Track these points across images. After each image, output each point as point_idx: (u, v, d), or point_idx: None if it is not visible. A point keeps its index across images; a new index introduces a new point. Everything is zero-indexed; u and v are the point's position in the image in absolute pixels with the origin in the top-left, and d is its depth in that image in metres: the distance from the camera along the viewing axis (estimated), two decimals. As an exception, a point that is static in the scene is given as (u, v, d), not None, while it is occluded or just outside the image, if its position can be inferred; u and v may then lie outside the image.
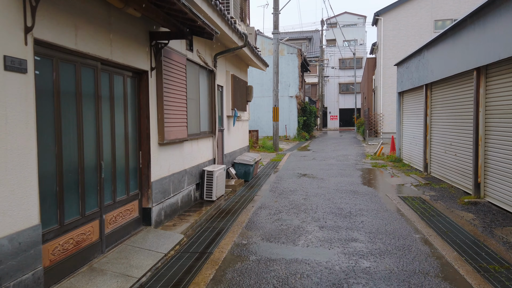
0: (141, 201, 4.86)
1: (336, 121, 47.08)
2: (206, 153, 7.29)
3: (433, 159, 9.46)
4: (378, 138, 20.55)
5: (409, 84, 11.17)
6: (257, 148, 17.15)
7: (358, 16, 50.80)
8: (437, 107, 9.15)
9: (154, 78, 5.01)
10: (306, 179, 9.46)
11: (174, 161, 5.65)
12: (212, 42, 7.50)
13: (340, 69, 46.88)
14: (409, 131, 11.75)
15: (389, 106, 20.56)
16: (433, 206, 6.51)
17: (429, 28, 19.37)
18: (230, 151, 9.38)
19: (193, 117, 6.65)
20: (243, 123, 11.05)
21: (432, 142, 9.57)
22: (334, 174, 10.29)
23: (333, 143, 22.16)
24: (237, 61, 10.04)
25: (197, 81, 6.85)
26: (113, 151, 4.20)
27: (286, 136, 24.97)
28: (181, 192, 5.96)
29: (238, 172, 9.27)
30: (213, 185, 6.76)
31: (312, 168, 11.59)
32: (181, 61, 5.75)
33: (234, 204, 6.84)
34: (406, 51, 19.72)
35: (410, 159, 11.55)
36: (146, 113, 4.84)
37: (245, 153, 10.88)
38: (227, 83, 8.86)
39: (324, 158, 14.34)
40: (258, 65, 11.40)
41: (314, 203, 6.85)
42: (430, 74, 9.20)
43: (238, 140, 10.36)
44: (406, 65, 11.56)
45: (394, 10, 19.81)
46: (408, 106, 11.89)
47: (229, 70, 9.04)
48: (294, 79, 24.93)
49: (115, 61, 4.06)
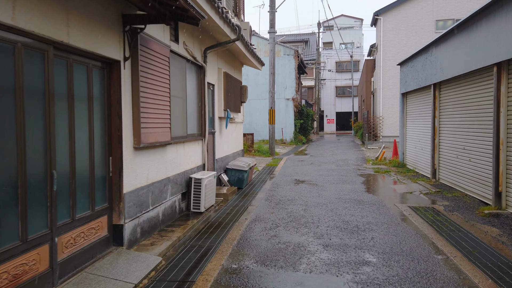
0: (111, 217, 4.06)
1: (333, 125, 46.45)
2: (194, 158, 6.50)
3: (443, 164, 8.73)
4: (378, 141, 19.86)
5: (414, 84, 10.47)
6: (252, 152, 16.38)
7: (355, 19, 50.43)
8: (447, 108, 8.44)
9: (128, 69, 4.23)
10: (305, 186, 8.69)
11: (154, 168, 4.86)
12: (201, 35, 6.74)
13: (337, 72, 46.33)
14: (414, 135, 11.03)
15: (389, 109, 19.89)
16: (449, 219, 5.76)
17: (430, 28, 18.75)
18: (222, 155, 8.60)
19: (179, 118, 5.86)
20: (237, 126, 10.27)
21: (441, 146, 8.84)
22: (334, 180, 9.53)
23: (331, 147, 21.44)
24: (231, 58, 9.28)
25: (184, 77, 6.07)
26: (72, 158, 3.41)
27: (283, 140, 24.22)
28: (163, 204, 5.17)
29: (231, 178, 8.49)
30: (201, 194, 5.96)
31: (311, 174, 10.82)
32: (163, 52, 4.98)
33: (225, 216, 6.05)
34: (407, 52, 19.09)
35: (415, 164, 10.82)
36: (118, 111, 4.05)
37: (239, 158, 10.09)
38: (219, 82, 8.09)
39: (322, 163, 13.59)
40: (254, 64, 10.65)
41: (315, 214, 6.07)
42: (439, 73, 8.49)
43: (231, 144, 9.58)
44: (411, 64, 10.86)
45: (394, 9, 19.20)
46: (412, 107, 11.18)
47: (222, 67, 8.28)
48: (290, 81, 24.24)
49: (73, 45, 3.27)
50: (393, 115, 19.80)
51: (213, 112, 7.91)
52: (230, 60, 9.21)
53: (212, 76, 7.67)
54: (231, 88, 8.84)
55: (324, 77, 45.41)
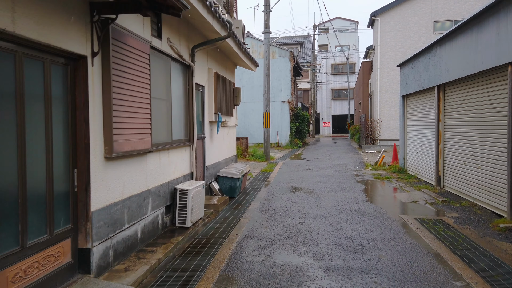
0: (76, 240, 3.45)
1: (329, 128, 46.02)
2: (180, 167, 5.90)
3: (448, 171, 8.21)
4: (376, 145, 19.37)
5: (416, 86, 9.96)
6: (246, 157, 15.80)
7: (350, 22, 50.19)
8: (453, 111, 7.92)
9: (98, 67, 3.64)
10: (301, 195, 8.11)
11: (131, 180, 4.26)
12: (188, 31, 6.16)
13: (332, 74, 45.98)
14: (415, 139, 10.51)
15: (387, 112, 19.42)
16: (462, 234, 5.21)
17: (428, 30, 18.34)
18: (213, 162, 8.00)
19: (162, 122, 5.27)
20: (229, 130, 9.69)
21: (446, 151, 8.32)
22: (333, 188, 8.96)
23: (328, 150, 20.91)
24: (222, 58, 8.71)
25: (168, 77, 5.49)
26: (22, 172, 2.81)
27: (278, 144, 23.67)
28: (143, 220, 4.56)
29: (223, 187, 7.89)
30: (187, 207, 5.37)
31: (308, 180, 10.25)
32: (142, 48, 4.40)
33: (214, 230, 5.46)
34: (405, 54, 18.66)
35: (417, 170, 10.29)
36: (84, 116, 3.46)
37: (232, 164, 9.50)
38: (209, 83, 7.51)
39: (319, 168, 13.03)
40: (247, 65, 10.08)
41: (313, 229, 5.50)
42: (444, 74, 7.98)
43: (223, 149, 8.99)
44: (412, 65, 10.36)
45: (391, 10, 18.76)
46: (414, 110, 10.67)
47: (212, 67, 7.70)
48: (286, 83, 23.72)
49: (22, 35, 2.68)
50: (391, 119, 19.34)
51: (203, 115, 7.33)
52: (221, 60, 8.64)
53: (202, 76, 7.09)
54: (222, 90, 8.27)
55: (319, 79, 45.02)
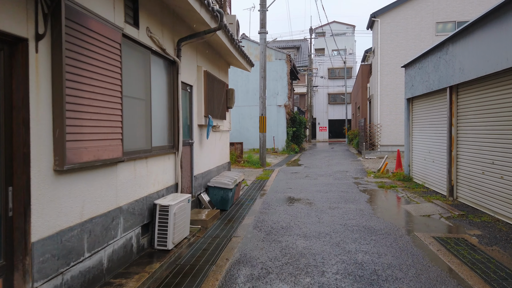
0: (10, 280, 2.62)
1: (326, 133, 45.37)
2: (162, 178, 5.09)
3: (463, 181, 7.45)
4: (376, 151, 18.64)
5: (424, 87, 9.23)
6: (241, 163, 14.99)
7: (347, 26, 49.82)
8: (469, 114, 7.18)
9: (46, 54, 2.84)
10: (301, 207, 7.31)
11: (94, 197, 3.45)
12: (173, 22, 5.38)
13: (329, 79, 45.44)
14: (422, 144, 9.77)
15: (387, 116, 18.73)
16: (492, 258, 4.43)
17: (430, 31, 17.71)
18: (203, 171, 7.19)
19: (139, 126, 4.47)
20: (222, 135, 8.89)
21: (460, 159, 7.56)
22: (335, 198, 8.17)
23: (326, 156, 20.16)
24: (214, 55, 7.94)
25: (147, 73, 4.69)
26: None
27: (274, 149, 22.90)
28: (111, 245, 3.74)
29: (213, 198, 7.07)
30: (168, 226, 4.55)
31: (307, 189, 9.45)
32: (110, 35, 3.60)
33: (201, 253, 4.63)
34: (406, 56, 17.99)
35: (425, 178, 9.53)
36: (24, 116, 2.65)
37: (224, 172, 8.68)
38: (198, 82, 6.72)
39: (319, 175, 12.25)
40: (241, 64, 9.31)
41: (317, 251, 4.69)
42: (457, 74, 7.25)
43: (215, 156, 8.18)
44: (419, 65, 9.64)
45: (392, 11, 18.13)
46: (420, 114, 9.93)
47: (202, 65, 6.92)
48: (282, 87, 23.00)
49: None
50: (392, 123, 18.64)
51: (191, 119, 6.53)
52: (213, 58, 7.86)
53: (190, 75, 6.30)
54: (214, 90, 7.48)
55: (316, 84, 44.46)
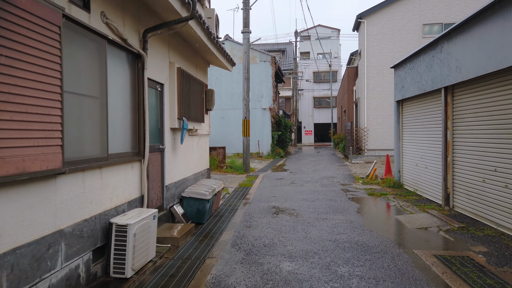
0: None
1: (311, 136, 45.03)
2: (123, 190, 4.32)
3: (460, 189, 6.90)
4: (363, 155, 18.16)
5: (415, 89, 8.71)
6: (224, 169, 14.25)
7: (332, 29, 49.85)
8: (466, 117, 6.65)
9: None
10: (286, 219, 6.62)
11: (19, 221, 2.68)
12: (137, 10, 4.64)
13: (314, 82, 45.21)
14: (414, 149, 9.24)
15: (374, 120, 18.29)
16: (506, 282, 3.82)
17: (417, 33, 17.40)
18: (177, 179, 6.44)
19: (88, 129, 3.70)
20: (200, 139, 8.16)
21: (456, 165, 7.02)
22: (322, 208, 7.53)
23: (312, 161, 19.59)
24: (190, 52, 7.21)
25: (103, 66, 3.93)
26: None
27: (259, 153, 22.23)
28: (46, 279, 2.96)
29: (188, 210, 6.32)
30: (127, 249, 3.79)
31: (292, 197, 8.79)
32: (44, 15, 2.85)
33: (166, 282, 3.88)
34: (393, 58, 17.63)
35: (417, 185, 8.99)
36: None
37: (203, 180, 7.93)
38: (171, 80, 5.99)
39: (305, 181, 11.61)
40: (222, 62, 8.60)
41: (305, 277, 4.00)
42: (454, 73, 6.72)
43: (191, 163, 7.44)
44: (409, 65, 9.12)
45: (378, 12, 17.76)
46: (412, 117, 9.41)
47: (175, 62, 6.19)
48: (267, 89, 22.39)
49: None
50: (379, 127, 18.22)
51: (162, 121, 5.78)
52: (189, 55, 7.14)
53: (160, 71, 5.56)
54: (190, 90, 6.75)
55: (301, 87, 44.13)
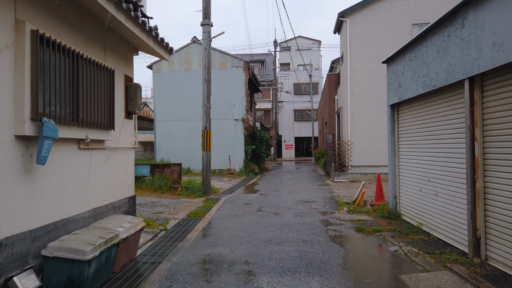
0: None
1: (292, 151, 42.76)
2: None
3: (497, 232, 4.47)
4: (346, 173, 15.78)
5: (419, 86, 6.37)
6: (178, 191, 11.55)
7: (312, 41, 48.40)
8: (507, 121, 4.27)
9: None
10: (231, 286, 4.03)
11: None
12: None
13: (295, 94, 43.27)
14: (417, 168, 6.85)
15: (359, 132, 16.02)
16: None
17: (406, 34, 15.37)
18: (40, 224, 3.76)
19: None
20: (112, 156, 5.52)
21: (490, 194, 4.61)
22: (291, 260, 4.96)
23: (289, 178, 17.08)
24: (90, 24, 4.64)
25: None
26: None
27: (230, 170, 19.60)
28: None
29: (54, 280, 3.63)
30: None
31: (252, 237, 6.20)
32: None
33: None
34: (379, 62, 15.47)
35: (423, 217, 6.56)
36: None
37: (110, 218, 5.20)
38: (17, 50, 3.40)
39: (276, 208, 9.05)
40: (149, 46, 6.00)
41: None
42: (488, 54, 4.37)
43: (85, 193, 4.76)
44: (410, 55, 6.80)
45: (362, 10, 15.69)
46: (412, 125, 7.05)
47: (33, 21, 3.61)
48: (240, 98, 19.95)
49: None
50: (365, 140, 15.94)
51: (-8, 123, 3.15)
52: (85, 28, 4.55)
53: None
54: (83, 78, 4.17)
55: (281, 99, 42.04)
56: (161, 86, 20.57)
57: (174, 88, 20.39)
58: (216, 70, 20.11)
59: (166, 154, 20.40)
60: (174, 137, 20.41)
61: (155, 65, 20.68)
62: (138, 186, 11.83)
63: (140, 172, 11.98)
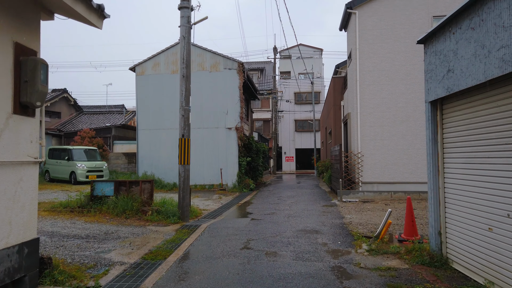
0: None
1: (292, 163, 40.36)
2: None
3: None
4: (356, 191, 13.33)
5: (492, 66, 4.01)
6: (147, 215, 9.13)
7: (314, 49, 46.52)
8: None
9: None
10: None
11: None
12: None
13: (296, 104, 41.09)
14: (480, 194, 4.46)
15: (371, 142, 13.64)
16: None
17: (425, 28, 13.12)
18: None
19: None
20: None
21: None
22: None
23: (289, 196, 14.63)
24: None
25: None
26: None
27: (222, 185, 17.19)
28: None
29: None
30: None
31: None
32: None
33: None
34: (393, 61, 13.19)
35: (495, 272, 4.13)
36: None
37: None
38: None
39: (269, 244, 6.62)
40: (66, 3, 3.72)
41: None
42: None
43: None
44: (469, 22, 4.46)
45: (374, 0, 13.49)
46: (470, 128, 4.68)
47: None
48: (233, 104, 17.67)
49: None
50: (378, 151, 13.56)
51: None
52: None
53: None
54: None
55: (282, 108, 39.80)
56: (145, 91, 18.33)
57: (159, 92, 18.14)
58: (207, 72, 17.89)
59: (149, 167, 18.03)
60: (158, 148, 18.06)
61: (138, 67, 18.47)
62: (97, 209, 9.42)
63: (101, 191, 9.59)
